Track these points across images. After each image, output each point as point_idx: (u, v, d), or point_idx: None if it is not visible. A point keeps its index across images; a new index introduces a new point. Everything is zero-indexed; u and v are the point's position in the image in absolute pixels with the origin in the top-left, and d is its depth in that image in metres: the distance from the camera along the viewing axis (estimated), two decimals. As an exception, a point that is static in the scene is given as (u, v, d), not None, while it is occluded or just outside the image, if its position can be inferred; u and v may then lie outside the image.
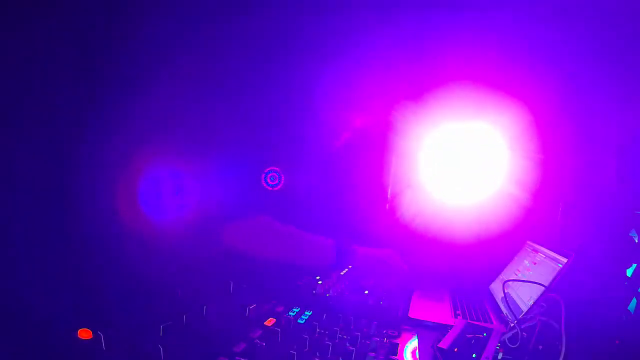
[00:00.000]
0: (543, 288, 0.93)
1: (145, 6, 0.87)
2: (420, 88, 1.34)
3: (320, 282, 1.04)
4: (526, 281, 1.05)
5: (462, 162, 1.42)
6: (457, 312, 1.07)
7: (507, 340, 0.80)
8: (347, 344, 0.73)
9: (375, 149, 1.46)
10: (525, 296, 1.00)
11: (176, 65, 0.96)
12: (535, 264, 1.13)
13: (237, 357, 0.62)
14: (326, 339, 0.74)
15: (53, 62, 0.75)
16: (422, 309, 1.05)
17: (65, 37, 0.75)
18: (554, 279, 0.95)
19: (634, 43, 1.01)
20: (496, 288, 1.23)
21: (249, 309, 0.81)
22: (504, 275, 1.26)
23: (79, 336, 0.59)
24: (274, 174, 1.10)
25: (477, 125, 1.39)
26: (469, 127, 1.40)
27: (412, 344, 0.81)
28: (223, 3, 0.99)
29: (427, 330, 0.91)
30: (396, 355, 0.73)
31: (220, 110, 1.05)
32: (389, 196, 1.54)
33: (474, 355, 0.73)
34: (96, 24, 0.80)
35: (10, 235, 0.71)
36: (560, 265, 0.97)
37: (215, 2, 0.99)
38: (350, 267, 1.17)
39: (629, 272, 1.01)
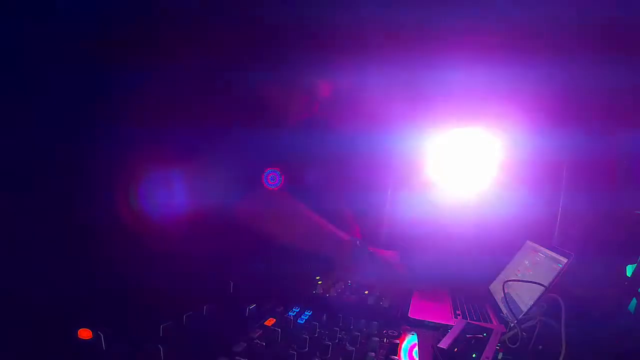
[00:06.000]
0: (543, 288, 0.93)
1: (144, 5, 0.87)
2: (420, 88, 1.34)
3: (320, 282, 1.04)
4: (526, 281, 1.05)
5: (462, 162, 1.42)
6: (457, 312, 1.07)
7: (507, 340, 0.80)
8: (347, 344, 0.73)
9: (376, 149, 1.46)
10: (525, 296, 1.00)
11: (175, 65, 0.96)
12: (535, 264, 1.13)
13: (237, 357, 0.62)
14: (326, 339, 0.74)
15: (52, 62, 0.75)
16: (422, 309, 1.05)
17: (65, 37, 0.75)
18: (554, 279, 0.95)
19: (636, 40, 1.01)
20: (496, 288, 1.23)
21: (249, 309, 0.81)
22: (504, 275, 1.26)
23: (79, 336, 0.59)
24: (274, 174, 1.11)
25: (477, 125, 1.39)
26: (470, 127, 1.40)
27: (411, 343, 0.81)
28: (224, 2, 0.99)
29: (427, 330, 0.91)
30: (396, 355, 0.72)
31: (221, 109, 1.05)
32: (389, 196, 1.54)
33: (474, 355, 0.73)
34: (95, 24, 0.80)
35: (11, 236, 0.71)
36: (560, 265, 0.97)
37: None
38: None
39: (629, 272, 1.01)
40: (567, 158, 1.32)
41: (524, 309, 0.95)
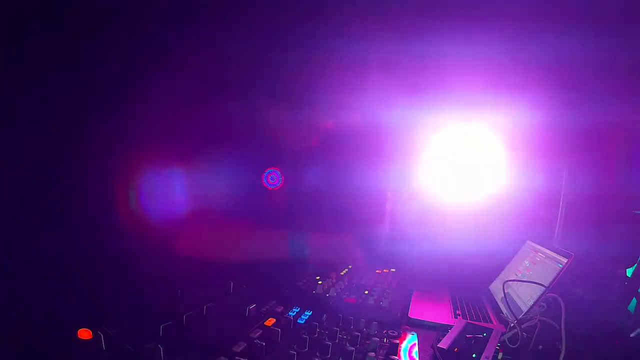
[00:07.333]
0: (543, 288, 0.93)
1: (145, 6, 0.87)
2: (420, 90, 1.34)
3: (320, 282, 1.04)
4: (526, 281, 1.05)
5: (462, 163, 1.42)
6: (457, 312, 1.07)
7: (507, 340, 0.80)
8: (347, 344, 0.73)
9: (376, 150, 1.46)
10: (525, 296, 1.00)
11: (177, 65, 0.96)
12: (535, 264, 1.13)
13: (237, 357, 0.62)
14: (326, 339, 0.74)
15: (53, 62, 0.75)
16: (422, 309, 1.05)
17: (65, 37, 0.75)
18: (554, 279, 0.95)
19: (635, 41, 1.01)
20: (496, 288, 1.23)
21: (249, 309, 0.81)
22: (504, 275, 1.26)
23: (79, 336, 0.59)
24: (274, 174, 1.11)
25: (476, 126, 1.39)
26: (469, 129, 1.40)
27: (411, 343, 0.81)
28: (224, 4, 0.99)
29: (427, 330, 0.91)
30: (396, 355, 0.72)
31: (224, 111, 1.05)
32: (389, 197, 1.54)
33: (474, 355, 0.73)
34: (96, 24, 0.80)
35: (11, 236, 0.71)
36: (560, 265, 0.97)
37: (218, 2, 0.99)
38: (350, 267, 1.19)
39: (629, 272, 1.01)
40: (568, 158, 1.32)
41: (524, 309, 0.95)
